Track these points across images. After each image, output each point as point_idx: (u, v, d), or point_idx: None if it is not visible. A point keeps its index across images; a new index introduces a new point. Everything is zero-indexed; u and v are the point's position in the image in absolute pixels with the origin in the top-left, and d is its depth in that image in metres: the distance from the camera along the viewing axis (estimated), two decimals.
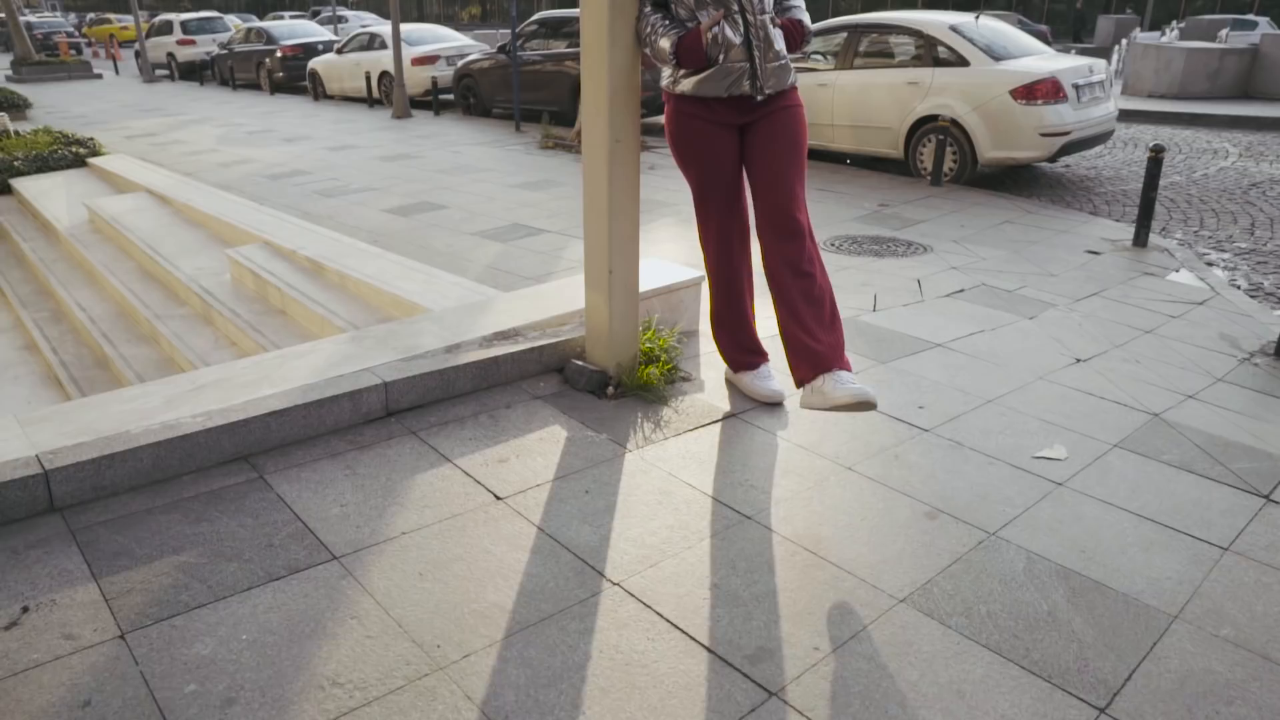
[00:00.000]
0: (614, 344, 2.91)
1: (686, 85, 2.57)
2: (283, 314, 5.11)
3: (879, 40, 8.30)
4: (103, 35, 41.77)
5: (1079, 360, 3.71)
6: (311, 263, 5.28)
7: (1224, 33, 20.54)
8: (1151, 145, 5.78)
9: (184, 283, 5.76)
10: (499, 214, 6.80)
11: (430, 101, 14.09)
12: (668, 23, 2.52)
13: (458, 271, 5.21)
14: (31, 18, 44.12)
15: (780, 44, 2.57)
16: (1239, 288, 5.27)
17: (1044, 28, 24.57)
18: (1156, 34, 22.86)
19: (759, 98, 2.56)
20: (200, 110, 15.77)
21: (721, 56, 2.48)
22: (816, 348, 2.55)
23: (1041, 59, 7.84)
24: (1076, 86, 7.48)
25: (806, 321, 2.57)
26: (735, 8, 2.45)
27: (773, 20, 2.53)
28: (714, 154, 2.66)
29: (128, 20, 46.32)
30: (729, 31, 2.45)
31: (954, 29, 7.75)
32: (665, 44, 2.49)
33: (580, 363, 2.97)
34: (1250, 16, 27.06)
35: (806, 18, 2.69)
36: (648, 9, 2.56)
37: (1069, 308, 4.44)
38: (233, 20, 28.81)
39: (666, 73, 2.63)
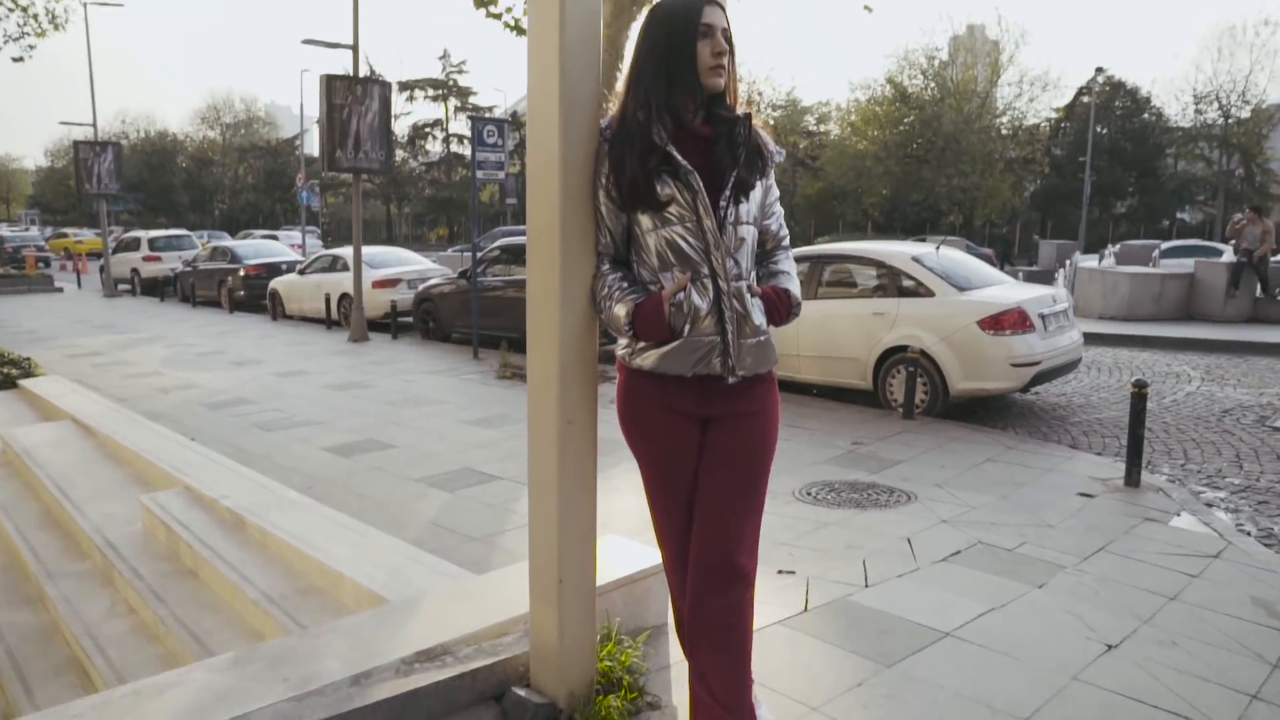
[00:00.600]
0: (565, 667, 2.33)
1: (646, 360, 2.12)
2: (194, 576, 4.47)
3: (842, 270, 8.31)
4: (58, 248, 42.51)
5: (1109, 647, 3.20)
6: (233, 515, 4.70)
7: (1156, 254, 21.69)
8: (1134, 381, 5.58)
9: (88, 533, 5.09)
10: (448, 455, 6.31)
11: (389, 324, 13.96)
12: (626, 285, 2.12)
13: (397, 526, 4.66)
14: (5, 231, 44.91)
15: (760, 316, 2.13)
16: (1249, 534, 4.87)
17: (988, 251, 25.84)
18: (1094, 257, 24.09)
19: (730, 379, 2.11)
20: (153, 328, 15.51)
21: (687, 328, 2.05)
22: (726, 718, 2.12)
23: (1005, 289, 7.84)
24: (1042, 316, 7.42)
25: (718, 690, 2.11)
26: (705, 271, 2.05)
27: (750, 289, 2.13)
28: (673, 449, 2.19)
29: (84, 234, 47.43)
30: (696, 298, 2.05)
31: (916, 260, 7.77)
32: (621, 311, 2.08)
33: (523, 692, 2.37)
34: (1176, 243, 28.79)
35: (795, 285, 2.27)
36: (605, 267, 2.17)
37: (1078, 569, 3.97)
38: (202, 238, 29.37)
39: (623, 341, 2.22)
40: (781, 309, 2.20)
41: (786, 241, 2.35)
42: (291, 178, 52.98)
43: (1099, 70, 39.99)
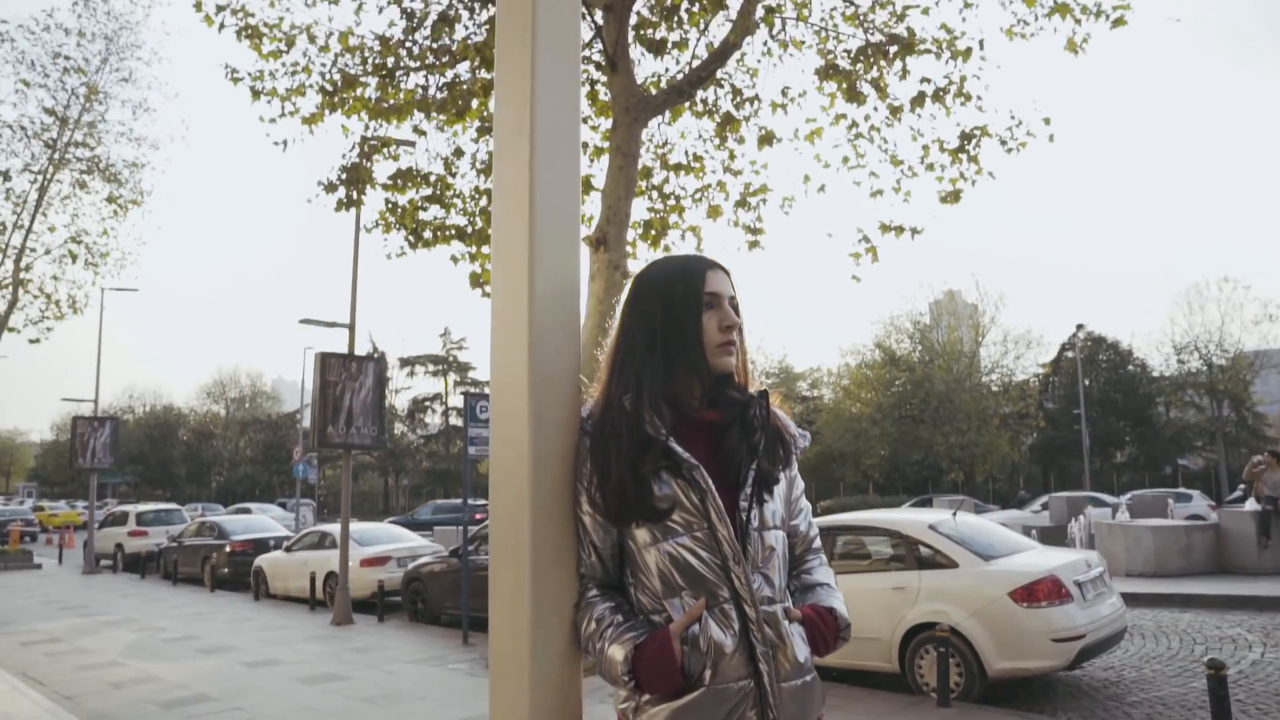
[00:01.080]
0: None
1: (655, 716, 1.53)
2: None
3: (854, 542, 7.79)
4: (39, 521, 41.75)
5: None
6: None
7: (1170, 505, 21.12)
8: (1207, 661, 4.91)
9: None
10: None
11: (376, 605, 13.09)
12: (621, 619, 1.58)
13: None
14: None
15: (802, 647, 1.63)
16: None
17: (994, 508, 25.30)
18: (1105, 511, 23.49)
19: None
20: (125, 609, 14.58)
21: (708, 673, 1.52)
22: None
23: (1033, 555, 7.28)
24: (1079, 583, 6.80)
25: None
26: (725, 594, 1.55)
27: (787, 611, 1.63)
28: None
29: (59, 507, 46.82)
30: (717, 631, 1.52)
31: (933, 528, 7.26)
32: (617, 654, 1.54)
33: None
34: (1183, 490, 28.30)
35: (840, 600, 1.78)
36: (592, 593, 1.62)
37: None
38: (195, 510, 28.77)
39: (623, 694, 1.59)
40: (828, 633, 1.68)
41: (818, 543, 1.88)
42: (290, 450, 53.37)
43: (1079, 327, 41.60)
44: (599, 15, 8.53)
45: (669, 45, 9.36)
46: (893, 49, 8.82)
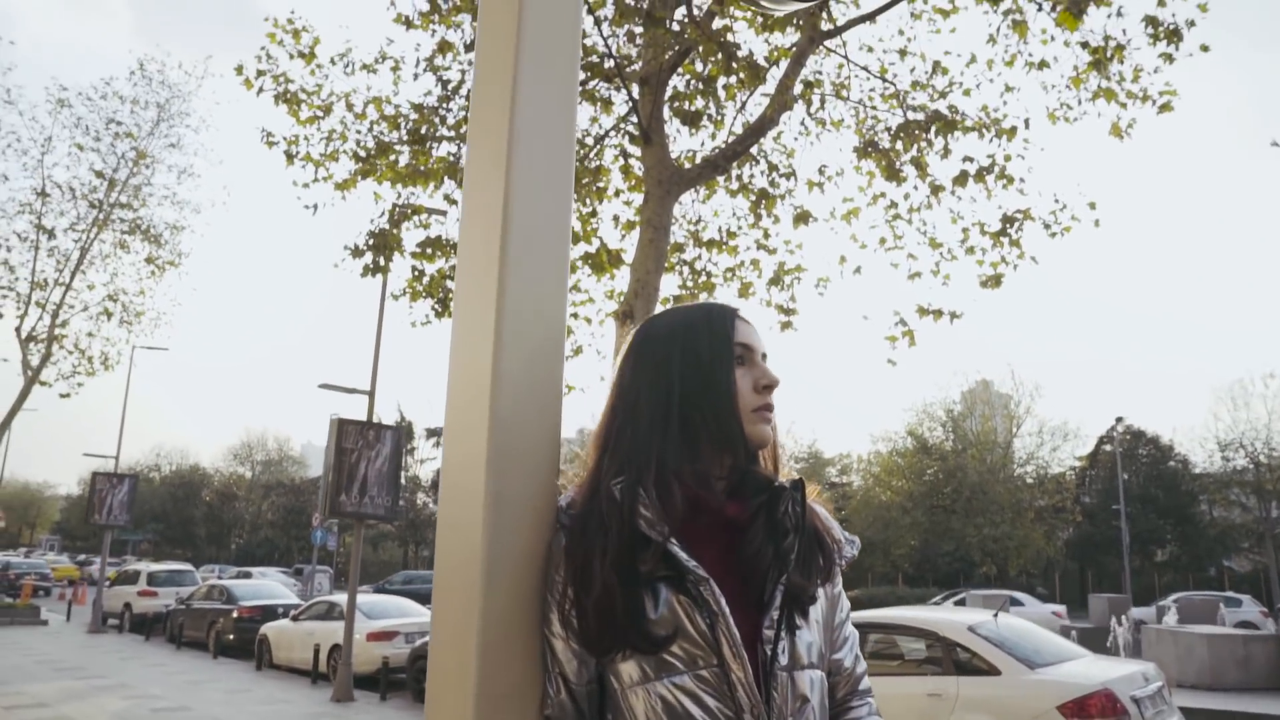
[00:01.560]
0: None
1: None
2: None
3: (886, 641, 7.24)
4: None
5: None
6: None
7: (1221, 610, 20.07)
8: None
9: None
10: None
11: (380, 681, 12.53)
12: None
13: None
14: (14, 557, 44.09)
15: None
16: None
17: (1059, 608, 24.16)
18: (1148, 610, 22.37)
19: None
20: (123, 673, 14.12)
21: None
22: None
23: (1084, 664, 6.69)
24: (1136, 699, 6.19)
25: None
26: None
27: None
28: None
29: (61, 560, 46.57)
30: None
31: (973, 630, 6.71)
32: None
33: None
34: (1232, 594, 27.03)
35: None
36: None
37: None
38: (214, 571, 28.35)
39: None
40: None
41: (867, 683, 1.42)
42: (311, 516, 53.14)
43: (1118, 420, 40.54)
44: (635, 89, 8.44)
45: (704, 119, 9.23)
46: (934, 126, 8.60)
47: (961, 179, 8.57)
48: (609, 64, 8.41)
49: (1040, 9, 8.23)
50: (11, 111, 33.76)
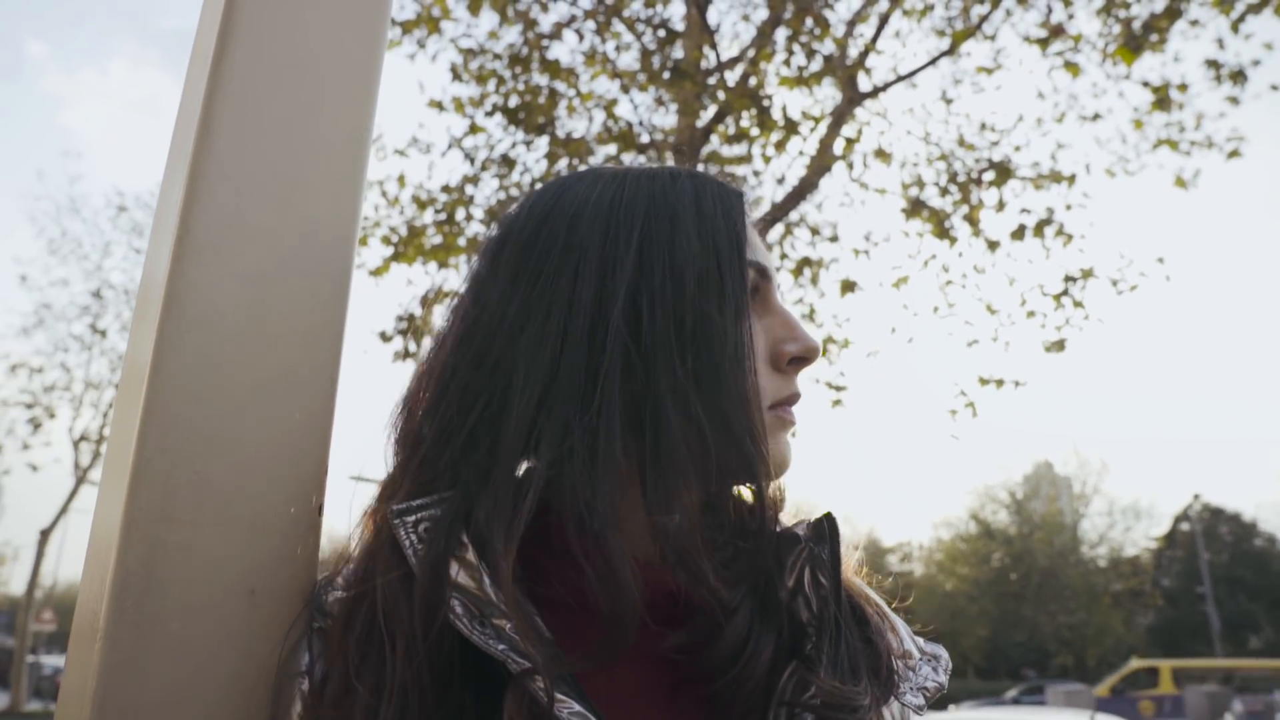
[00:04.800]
0: None
1: None
2: None
3: None
4: None
5: None
6: None
7: None
8: None
9: None
10: None
11: None
12: None
13: None
14: (48, 658, 43.20)
15: None
16: None
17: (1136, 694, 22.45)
18: (1255, 699, 20.53)
19: None
20: None
21: None
22: None
23: None
24: None
25: None
26: None
27: None
28: None
29: None
30: None
31: None
32: None
33: None
34: None
35: None
36: None
37: None
38: None
39: None
40: None
41: None
42: None
43: (1196, 496, 38.50)
44: (670, 158, 8.16)
45: (741, 183, 8.88)
46: (986, 176, 8.12)
47: (1019, 233, 8.03)
48: (642, 136, 8.15)
49: (1094, 46, 7.79)
50: (76, 219, 35.24)
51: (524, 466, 0.61)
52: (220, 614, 0.56)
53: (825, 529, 0.66)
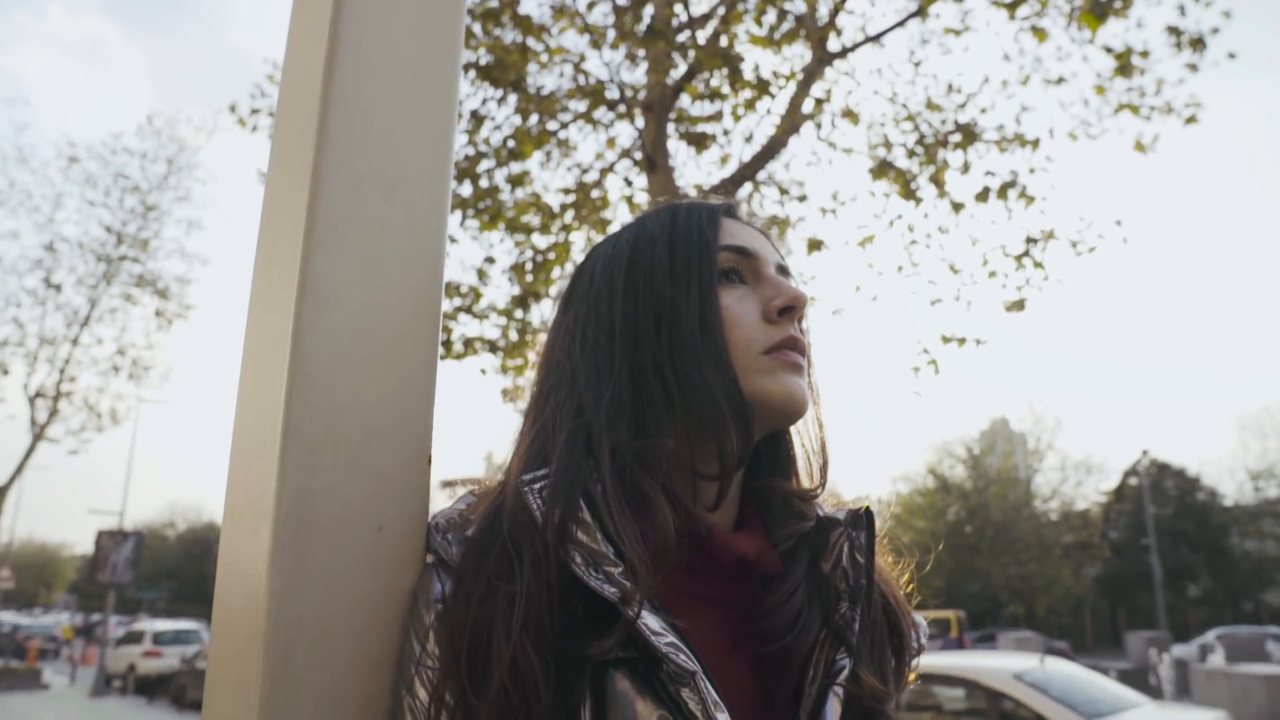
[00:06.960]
0: None
1: None
2: None
3: (922, 692, 6.69)
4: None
5: None
6: None
7: (1271, 647, 19.18)
8: None
9: None
10: None
11: None
12: None
13: None
14: (22, 619, 43.41)
15: None
16: None
17: (1063, 644, 23.38)
18: (1188, 647, 21.49)
19: None
20: None
21: None
22: None
23: (1147, 713, 6.12)
24: None
25: None
26: None
27: None
28: None
29: (64, 621, 45.99)
30: None
31: (1019, 678, 6.16)
32: None
33: None
34: (1276, 629, 26.12)
35: None
36: None
37: None
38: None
39: None
40: None
41: None
42: None
43: (1144, 453, 39.68)
44: (639, 118, 8.16)
45: (712, 141, 8.90)
46: (953, 139, 8.24)
47: (983, 195, 8.19)
48: (612, 91, 8.14)
49: (1060, 11, 7.90)
50: (24, 170, 34.15)
51: (606, 445, 0.75)
52: (356, 546, 0.69)
53: (864, 519, 0.81)
